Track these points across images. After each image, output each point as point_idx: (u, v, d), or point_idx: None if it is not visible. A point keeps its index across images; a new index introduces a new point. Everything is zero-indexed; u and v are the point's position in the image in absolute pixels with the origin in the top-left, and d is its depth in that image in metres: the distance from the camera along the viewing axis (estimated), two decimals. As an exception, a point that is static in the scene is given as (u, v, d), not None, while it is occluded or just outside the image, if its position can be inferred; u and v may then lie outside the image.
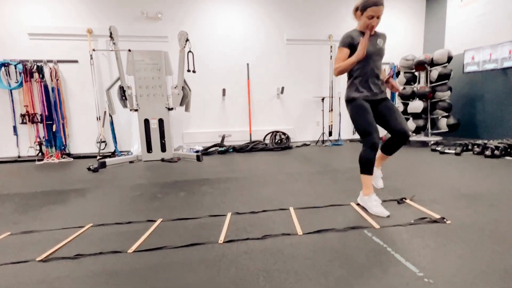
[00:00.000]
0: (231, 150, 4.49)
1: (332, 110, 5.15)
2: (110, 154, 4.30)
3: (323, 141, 5.13)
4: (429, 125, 4.44)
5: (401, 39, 5.35)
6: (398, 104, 4.78)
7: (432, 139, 4.38)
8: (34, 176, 3.12)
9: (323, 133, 5.11)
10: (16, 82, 4.02)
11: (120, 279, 1.09)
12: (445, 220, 1.53)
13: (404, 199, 1.89)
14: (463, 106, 4.67)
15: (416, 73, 4.65)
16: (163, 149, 3.83)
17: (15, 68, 3.99)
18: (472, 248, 1.23)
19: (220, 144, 4.53)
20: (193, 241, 1.39)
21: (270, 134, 4.87)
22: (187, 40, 3.58)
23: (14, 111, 4.10)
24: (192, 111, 4.25)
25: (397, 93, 5.01)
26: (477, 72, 4.38)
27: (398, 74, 5.00)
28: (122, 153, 4.31)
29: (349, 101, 1.76)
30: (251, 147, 4.49)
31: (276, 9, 4.85)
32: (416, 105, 4.34)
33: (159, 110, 3.76)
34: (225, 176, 2.78)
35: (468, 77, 4.54)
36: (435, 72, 4.25)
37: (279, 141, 4.79)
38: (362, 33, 1.68)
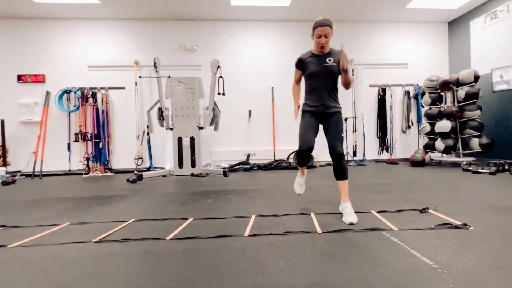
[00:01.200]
0: (256, 168, 4.67)
1: (355, 130, 5.20)
2: (145, 169, 4.70)
3: (347, 161, 5.12)
4: (459, 145, 4.29)
5: (424, 61, 5.41)
6: (425, 124, 4.72)
7: (464, 159, 4.20)
8: (82, 185, 3.54)
9: (347, 153, 5.12)
10: (74, 106, 4.71)
11: (159, 258, 1.27)
12: (467, 226, 1.53)
13: (427, 209, 1.90)
14: (496, 125, 4.47)
15: (442, 93, 4.63)
16: (193, 164, 4.13)
17: (75, 94, 4.70)
18: (492, 249, 1.24)
19: (245, 162, 4.75)
20: (221, 234, 1.55)
21: (294, 153, 5.00)
22: (219, 67, 4.01)
23: (70, 131, 4.75)
24: (220, 130, 4.58)
25: (423, 113, 4.97)
26: (507, 91, 4.25)
27: (423, 95, 5.00)
28: (156, 169, 4.70)
29: (302, 112, 2.02)
30: (275, 165, 4.64)
31: (298, 38, 5.24)
32: (444, 125, 4.27)
33: (191, 129, 4.13)
34: (250, 188, 2.95)
35: (498, 96, 4.41)
36: (461, 92, 4.21)
37: (302, 160, 4.89)
38: (314, 54, 1.92)
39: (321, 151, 5.23)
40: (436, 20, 5.36)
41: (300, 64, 1.98)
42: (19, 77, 4.73)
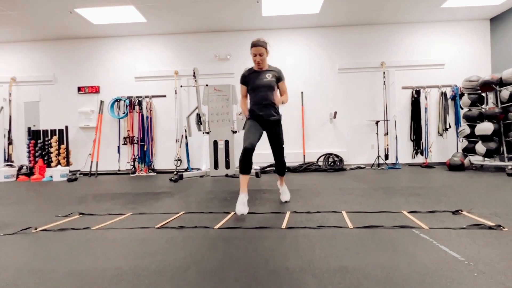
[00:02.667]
0: (286, 170, 4.83)
1: (387, 133, 5.12)
2: (184, 170, 5.12)
3: (378, 165, 5.07)
4: (504, 148, 4.05)
5: (462, 61, 5.17)
6: (464, 126, 4.52)
7: (510, 163, 3.96)
8: (132, 183, 4.01)
9: (378, 156, 5.07)
10: (123, 113, 5.30)
11: (212, 241, 1.52)
12: (501, 227, 1.56)
13: (460, 211, 1.93)
14: (549, 127, 4.13)
15: (483, 94, 4.40)
16: (228, 166, 4.42)
17: (124, 102, 5.29)
18: (524, 247, 1.29)
19: (276, 164, 4.93)
20: (261, 225, 1.76)
21: (324, 156, 5.08)
22: (251, 74, 4.28)
23: (119, 135, 5.35)
24: (252, 134, 4.83)
25: (461, 115, 4.76)
26: (562, 90, 3.92)
27: (461, 96, 4.79)
28: (193, 170, 5.09)
29: (247, 119, 2.32)
30: (305, 168, 4.76)
31: (328, 43, 5.34)
32: (485, 127, 4.06)
33: (225, 133, 4.44)
34: (282, 188, 3.13)
35: (551, 95, 4.08)
36: (505, 92, 3.98)
37: (332, 163, 4.96)
38: (254, 71, 2.22)
39: (351, 155, 5.25)
40: (475, 18, 5.11)
41: (244, 80, 2.27)
42: (79, 89, 5.45)
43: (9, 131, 5.30)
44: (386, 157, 5.05)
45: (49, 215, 2.20)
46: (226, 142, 4.44)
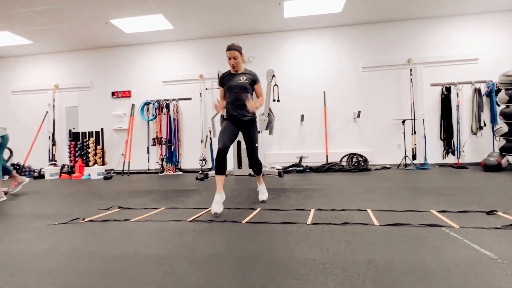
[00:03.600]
0: (308, 170, 4.84)
1: (415, 132, 4.93)
2: (208, 169, 5.31)
3: (405, 165, 4.90)
4: (548, 148, 3.74)
5: (498, 55, 4.84)
6: (501, 124, 4.23)
7: (555, 164, 3.65)
8: (161, 181, 4.24)
9: (405, 156, 4.89)
10: (152, 115, 5.62)
11: (239, 234, 1.61)
12: (540, 228, 1.49)
13: (495, 211, 1.86)
14: None
15: (523, 89, 4.10)
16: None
17: (153, 106, 5.61)
18: None
19: (298, 164, 4.96)
20: (287, 221, 1.82)
21: (347, 156, 5.01)
22: (273, 76, 4.35)
23: (149, 136, 5.68)
24: (274, 134, 4.89)
25: (498, 112, 4.46)
26: None
27: (497, 92, 4.50)
28: (217, 169, 5.26)
29: (223, 119, 2.44)
30: (328, 168, 4.74)
31: (351, 42, 5.26)
32: (526, 125, 3.78)
33: (248, 133, 4.55)
34: (305, 187, 3.17)
35: None
36: (549, 87, 3.68)
37: (356, 163, 4.87)
38: (230, 73, 2.34)
39: (376, 155, 5.12)
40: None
41: (221, 82, 2.41)
42: (113, 93, 5.87)
43: (53, 134, 5.83)
44: (414, 157, 4.86)
45: (92, 208, 2.44)
46: (249, 142, 4.54)
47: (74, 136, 5.69)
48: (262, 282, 1.04)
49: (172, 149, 5.46)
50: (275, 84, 4.37)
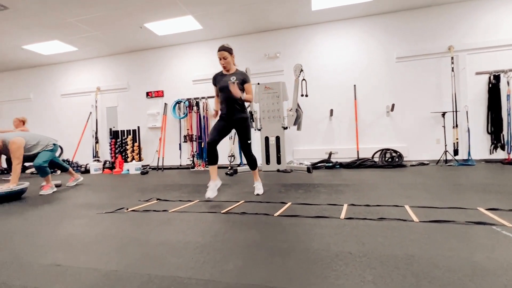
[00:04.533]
0: (338, 166, 4.72)
1: (457, 126, 4.56)
2: (237, 165, 5.42)
3: (446, 161, 4.55)
4: None
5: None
6: None
7: None
8: (193, 176, 4.43)
9: (445, 152, 4.55)
10: (183, 114, 5.87)
11: (272, 226, 1.64)
12: None
13: (555, 211, 1.67)
14: None
15: None
16: (279, 161, 4.54)
17: (184, 104, 5.85)
18: None
19: (327, 160, 4.86)
20: (319, 215, 1.82)
21: (380, 151, 4.79)
22: (301, 70, 4.30)
23: (180, 133, 5.95)
24: (302, 130, 4.84)
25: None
26: None
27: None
28: (244, 165, 5.35)
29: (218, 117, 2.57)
30: (359, 164, 4.58)
31: (383, 31, 4.99)
32: None
33: (276, 129, 4.56)
34: (336, 183, 3.10)
35: None
36: None
37: (389, 159, 4.64)
38: (222, 74, 2.48)
39: (411, 151, 4.84)
40: None
41: (214, 81, 2.55)
42: (147, 94, 6.22)
43: (96, 132, 6.36)
44: (456, 152, 4.50)
45: (133, 200, 2.63)
46: (277, 138, 4.56)
47: (114, 134, 6.15)
48: (299, 272, 1.05)
49: (202, 146, 5.66)
50: (303, 79, 4.32)
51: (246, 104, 2.66)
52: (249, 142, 2.52)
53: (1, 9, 4.25)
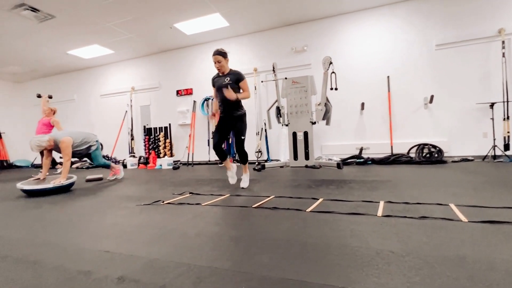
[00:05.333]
0: (370, 162, 4.52)
1: (508, 118, 4.10)
2: (264, 161, 5.43)
3: (494, 156, 4.13)
4: None
5: None
6: None
7: None
8: (221, 172, 4.52)
9: (494, 147, 4.13)
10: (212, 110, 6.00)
11: (305, 222, 1.61)
12: None
13: None
14: None
15: None
16: (307, 157, 4.46)
17: (211, 101, 5.98)
18: None
19: (358, 156, 4.67)
20: (354, 212, 1.75)
21: (416, 147, 4.49)
22: (331, 63, 4.15)
23: (208, 130, 6.09)
24: (331, 125, 4.70)
25: None
26: None
27: None
28: (272, 160, 5.34)
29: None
30: (393, 160, 4.33)
31: (421, 17, 4.63)
32: None
33: (304, 124, 4.47)
34: (369, 179, 2.97)
35: None
36: None
37: (428, 155, 4.33)
38: (219, 75, 2.65)
39: (453, 145, 4.47)
40: None
41: (212, 82, 2.72)
42: (177, 92, 6.46)
43: (131, 130, 6.76)
44: (507, 147, 4.06)
45: (167, 193, 2.76)
46: (305, 134, 4.47)
47: (147, 132, 6.50)
48: (337, 268, 1.02)
49: (230, 142, 5.75)
50: (333, 72, 4.17)
51: (243, 101, 2.78)
52: (242, 138, 2.68)
53: (49, 18, 4.66)
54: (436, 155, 4.26)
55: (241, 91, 2.67)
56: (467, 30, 4.39)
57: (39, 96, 5.19)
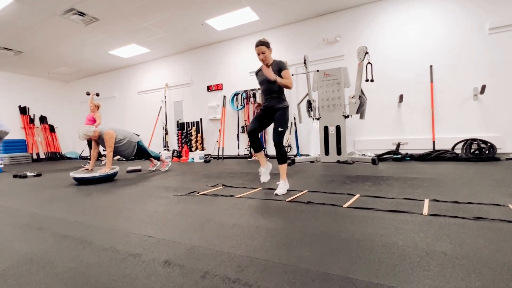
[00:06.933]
0: (408, 158, 4.23)
1: None
2: (293, 156, 5.37)
3: (560, 154, 3.62)
4: None
5: None
6: None
7: None
8: (251, 165, 4.55)
9: (560, 143, 3.61)
10: (241, 105, 6.06)
11: (343, 217, 1.55)
12: None
13: None
14: None
15: None
16: (339, 152, 4.31)
17: (241, 96, 6.03)
18: None
19: (395, 152, 4.40)
20: (395, 209, 1.65)
21: (464, 142, 4.10)
22: (366, 53, 3.93)
23: (238, 124, 6.17)
24: (366, 118, 4.47)
25: None
26: None
27: None
28: (301, 155, 5.25)
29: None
30: (436, 156, 4.01)
31: (473, -2, 4.16)
32: None
33: (336, 118, 4.32)
34: (409, 176, 2.78)
35: None
36: None
37: (477, 151, 3.93)
38: (262, 67, 2.39)
39: (508, 141, 3.99)
40: None
41: (256, 76, 2.59)
42: (208, 88, 6.61)
43: (166, 124, 7.10)
44: None
45: (201, 185, 2.85)
46: (337, 128, 4.32)
47: (180, 126, 6.76)
48: (384, 267, 0.97)
49: (259, 136, 5.76)
50: (369, 62, 3.94)
51: (286, 92, 2.59)
52: (281, 130, 2.41)
53: (94, 21, 5.02)
54: (487, 152, 3.85)
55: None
56: (529, 10, 3.86)
57: (88, 93, 5.66)
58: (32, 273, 1.06)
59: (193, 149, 6.37)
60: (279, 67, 2.47)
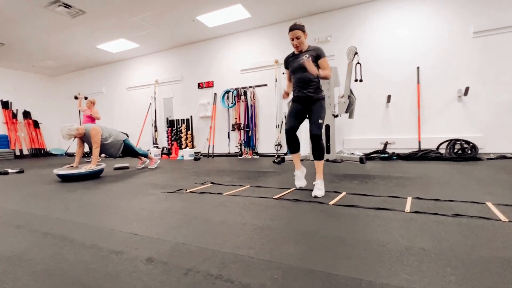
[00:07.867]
0: (395, 157, 4.33)
1: (556, 112, 3.72)
2: (283, 154, 5.40)
3: (537, 155, 3.78)
4: None
5: None
6: None
7: None
8: (241, 163, 4.55)
9: (537, 144, 3.77)
10: (232, 103, 6.03)
11: (328, 215, 1.58)
12: None
13: None
14: None
15: None
16: (328, 151, 4.36)
17: (232, 94, 6.00)
18: None
19: (382, 151, 4.49)
20: (380, 207, 1.68)
21: (448, 142, 4.22)
22: (356, 53, 3.98)
23: (229, 122, 6.14)
24: (355, 118, 4.54)
25: None
26: None
27: None
28: (292, 154, 5.29)
29: (291, 102, 2.33)
30: (421, 155, 4.11)
31: (457, 2, 4.28)
32: None
33: (326, 117, 4.35)
34: (395, 175, 2.85)
35: None
36: None
37: (460, 151, 4.06)
38: (294, 54, 2.22)
39: (489, 142, 4.15)
40: None
41: (286, 64, 2.33)
42: (199, 85, 6.55)
43: (155, 121, 6.99)
44: (552, 144, 3.69)
45: (190, 182, 2.83)
46: (327, 127, 4.36)
47: (170, 123, 6.68)
48: (365, 263, 0.99)
49: (250, 134, 5.77)
50: (358, 62, 4.00)
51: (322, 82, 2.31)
52: (320, 122, 2.13)
53: (80, 14, 4.88)
54: (469, 152, 3.98)
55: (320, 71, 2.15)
56: (510, 14, 4.00)
57: (76, 97, 5.54)
58: (9, 271, 1.03)
59: (183, 146, 6.31)
60: (317, 54, 2.16)
